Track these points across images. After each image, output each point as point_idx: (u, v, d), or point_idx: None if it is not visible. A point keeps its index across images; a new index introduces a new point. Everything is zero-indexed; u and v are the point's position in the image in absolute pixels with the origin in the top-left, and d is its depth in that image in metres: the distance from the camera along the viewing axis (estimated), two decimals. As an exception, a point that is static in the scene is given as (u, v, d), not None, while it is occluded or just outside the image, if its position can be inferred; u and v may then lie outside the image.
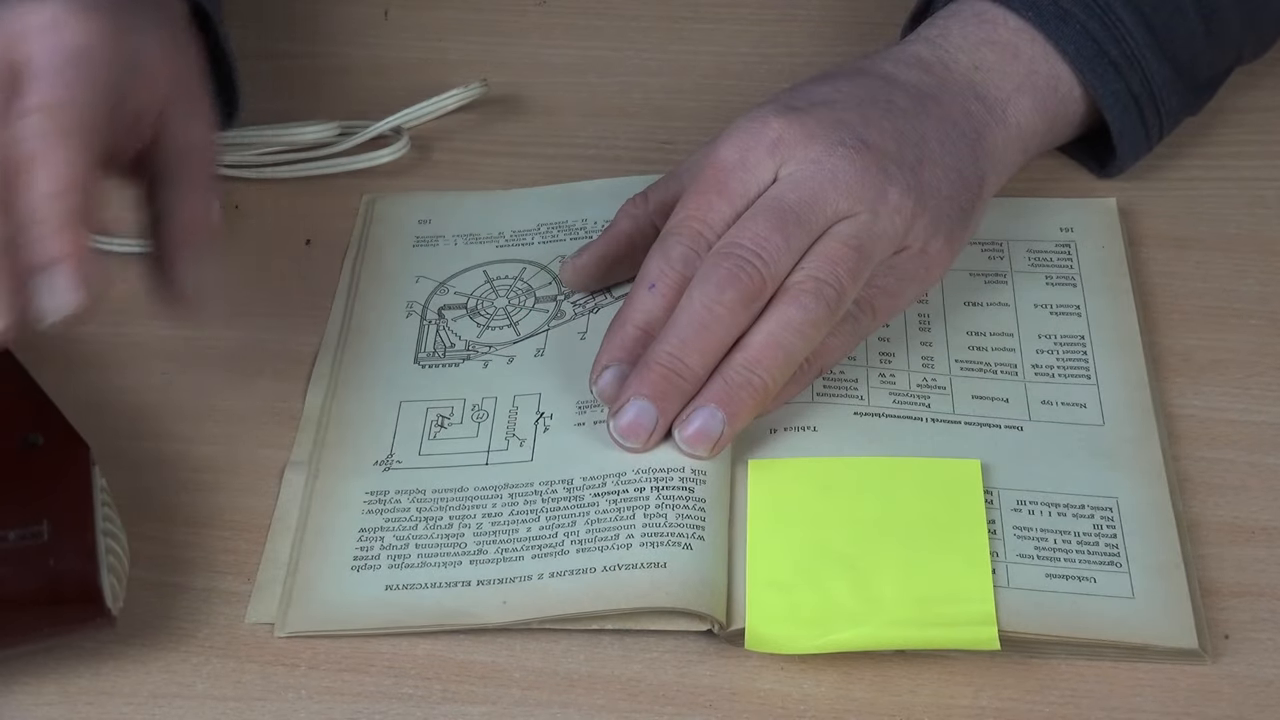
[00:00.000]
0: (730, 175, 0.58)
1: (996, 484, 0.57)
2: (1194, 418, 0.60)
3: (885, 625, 0.53)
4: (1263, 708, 0.52)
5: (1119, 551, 0.55)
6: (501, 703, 0.53)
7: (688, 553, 0.54)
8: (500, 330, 0.64)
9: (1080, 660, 0.53)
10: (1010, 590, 0.54)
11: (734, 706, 0.52)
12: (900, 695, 0.52)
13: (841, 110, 0.59)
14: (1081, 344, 0.62)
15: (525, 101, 0.76)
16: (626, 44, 0.79)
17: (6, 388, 0.55)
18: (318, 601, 0.55)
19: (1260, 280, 0.65)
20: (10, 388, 0.55)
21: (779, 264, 0.56)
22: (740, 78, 0.76)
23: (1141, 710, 0.52)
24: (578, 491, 0.57)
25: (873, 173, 0.57)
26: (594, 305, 0.65)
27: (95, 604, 0.51)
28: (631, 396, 0.56)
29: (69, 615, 0.51)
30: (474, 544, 0.56)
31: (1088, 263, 0.65)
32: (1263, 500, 0.57)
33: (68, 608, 0.51)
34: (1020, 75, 0.64)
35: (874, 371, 0.61)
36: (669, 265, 0.57)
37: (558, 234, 0.68)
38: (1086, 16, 0.64)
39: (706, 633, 0.54)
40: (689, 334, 0.55)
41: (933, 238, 0.59)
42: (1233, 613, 0.54)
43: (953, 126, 0.61)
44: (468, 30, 0.80)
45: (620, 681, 0.53)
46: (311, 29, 0.79)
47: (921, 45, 0.64)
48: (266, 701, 0.53)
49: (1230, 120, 0.72)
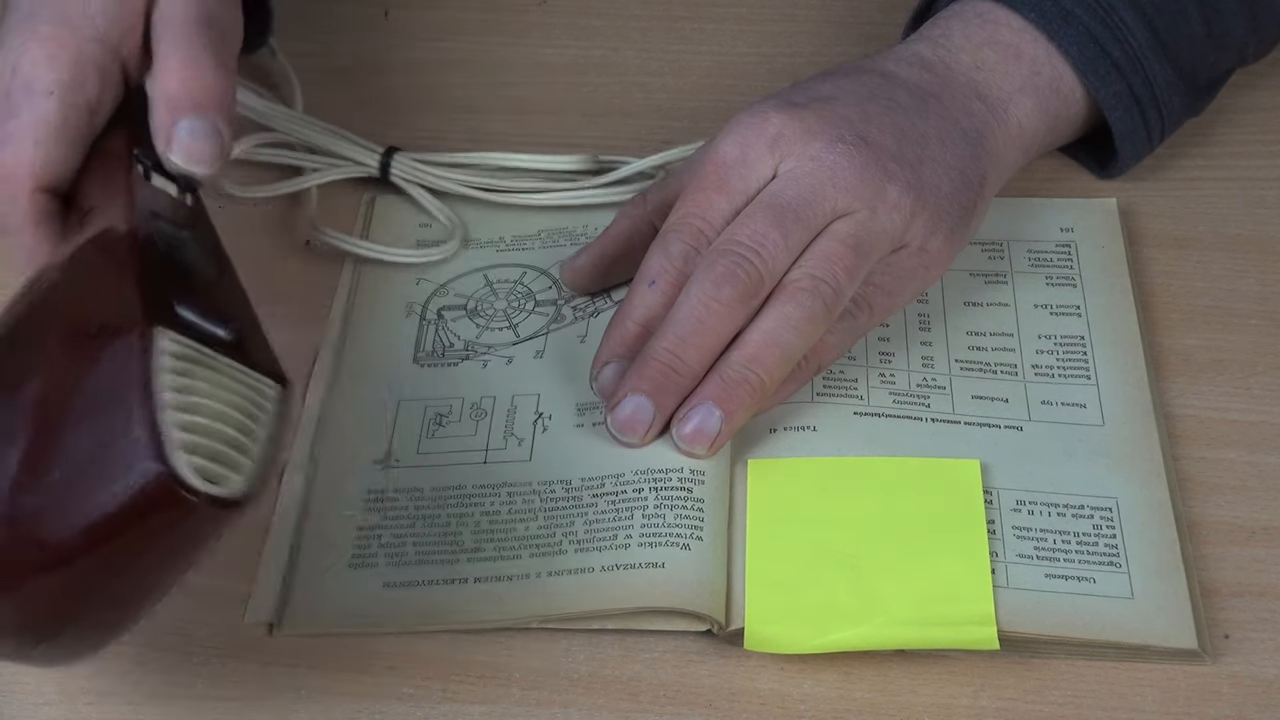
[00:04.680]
0: (730, 172, 0.58)
1: (996, 484, 0.57)
2: (1194, 418, 0.60)
3: (885, 625, 0.53)
4: (1263, 708, 0.52)
5: (1119, 552, 0.55)
6: (501, 703, 0.53)
7: (686, 553, 0.54)
8: (499, 331, 0.64)
9: (1080, 660, 0.53)
10: (1010, 590, 0.54)
11: (734, 706, 0.52)
12: (900, 695, 0.52)
13: (842, 107, 0.59)
14: (1081, 344, 0.62)
15: (525, 101, 0.76)
16: (626, 44, 0.79)
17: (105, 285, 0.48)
18: (316, 600, 0.55)
19: (1260, 280, 0.65)
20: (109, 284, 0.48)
21: (777, 261, 0.56)
22: (740, 78, 0.76)
23: (1141, 710, 0.52)
24: (576, 492, 0.57)
25: (872, 170, 0.57)
26: (594, 309, 0.65)
27: (175, 494, 0.42)
28: (629, 392, 0.56)
29: (170, 519, 0.43)
30: (471, 542, 0.56)
31: (1088, 263, 0.65)
32: (1263, 500, 0.57)
33: (158, 513, 0.43)
34: (1022, 76, 0.63)
35: (874, 371, 0.61)
36: (669, 262, 0.57)
37: (558, 239, 0.68)
38: (1089, 17, 0.64)
39: (706, 633, 0.54)
40: (686, 330, 0.55)
41: (932, 236, 0.59)
42: (1233, 613, 0.54)
43: (954, 125, 0.61)
44: (468, 30, 0.80)
45: (620, 681, 0.53)
46: (311, 29, 0.79)
47: (923, 45, 0.64)
48: (266, 701, 0.53)
49: (1230, 120, 0.72)
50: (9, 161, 0.54)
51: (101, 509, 0.43)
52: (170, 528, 0.44)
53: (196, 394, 0.45)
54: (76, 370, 0.45)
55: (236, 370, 0.46)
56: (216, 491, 0.43)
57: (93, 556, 0.44)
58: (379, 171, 0.70)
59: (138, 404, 0.43)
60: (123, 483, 0.43)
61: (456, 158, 0.70)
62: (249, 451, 0.45)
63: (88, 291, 0.49)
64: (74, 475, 0.43)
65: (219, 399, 0.45)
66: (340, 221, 0.70)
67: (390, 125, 0.74)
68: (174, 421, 0.43)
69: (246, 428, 0.46)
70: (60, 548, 0.43)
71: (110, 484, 0.43)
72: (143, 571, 0.45)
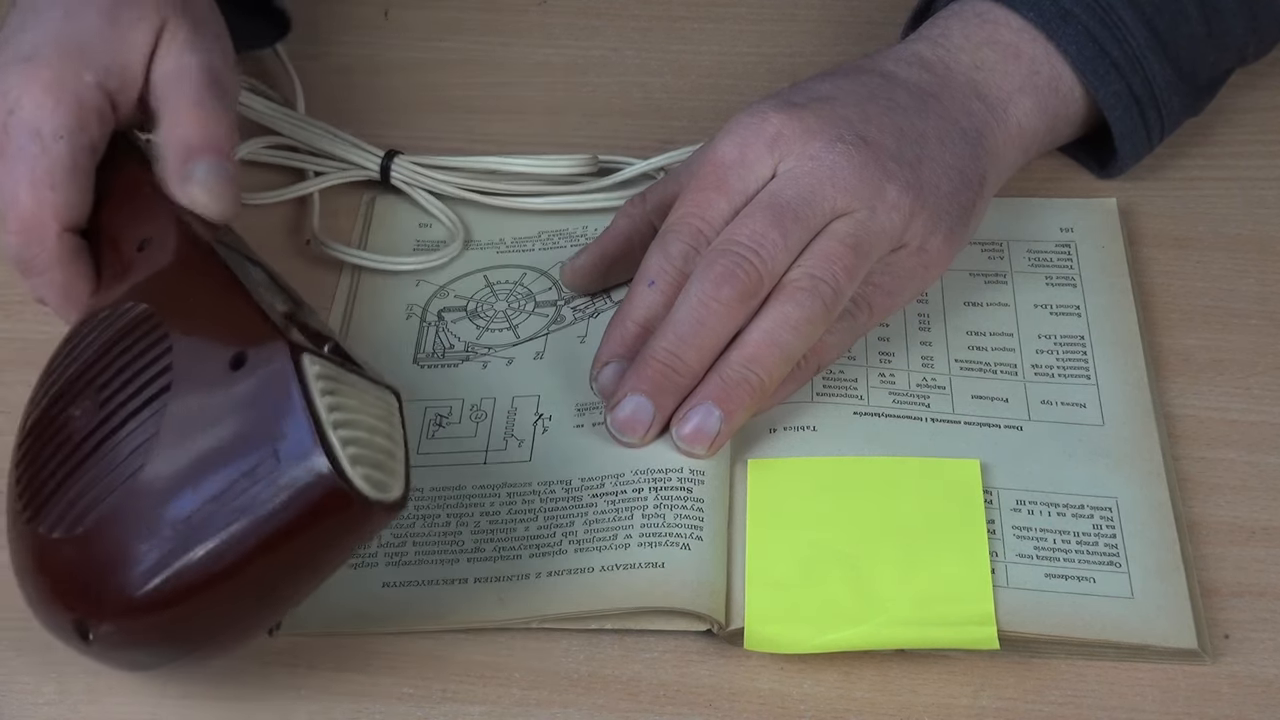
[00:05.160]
0: (729, 172, 0.58)
1: (996, 484, 0.57)
2: (1194, 418, 0.60)
3: (884, 625, 0.53)
4: (1263, 708, 0.52)
5: (1118, 551, 0.55)
6: (501, 703, 0.53)
7: (685, 553, 0.54)
8: (499, 333, 0.64)
9: (1080, 660, 0.53)
10: (1010, 590, 0.54)
11: (734, 706, 0.52)
12: (900, 695, 0.52)
13: (841, 107, 0.59)
14: (1081, 344, 0.62)
15: (525, 101, 0.76)
16: (626, 44, 0.79)
17: (216, 308, 0.52)
18: (316, 600, 0.55)
19: (1260, 280, 0.65)
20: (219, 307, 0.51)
21: (776, 261, 0.56)
22: (740, 78, 0.76)
23: (1141, 710, 0.52)
24: (576, 492, 0.57)
25: (871, 170, 0.57)
26: (594, 310, 0.65)
27: (352, 505, 0.46)
28: (629, 392, 0.56)
29: (342, 525, 0.47)
30: (471, 542, 0.56)
31: (1088, 263, 0.65)
32: (1263, 500, 0.57)
33: (331, 520, 0.47)
34: (1021, 75, 0.63)
35: (874, 371, 0.61)
36: (668, 262, 0.57)
37: (558, 240, 0.68)
38: (1088, 17, 0.64)
39: (706, 633, 0.54)
40: (686, 330, 0.55)
41: (931, 235, 0.59)
42: (1233, 613, 0.54)
43: (953, 125, 0.61)
44: (468, 30, 0.80)
45: (620, 681, 0.53)
46: (312, 29, 0.79)
47: (923, 44, 0.64)
48: (266, 701, 0.53)
49: (1230, 120, 0.72)
50: (31, 207, 0.56)
51: (276, 523, 0.46)
52: (347, 532, 0.48)
53: (349, 410, 0.48)
54: (223, 402, 0.48)
55: (367, 383, 0.50)
56: (385, 498, 0.47)
57: (268, 564, 0.47)
58: (379, 175, 0.70)
59: (308, 430, 0.46)
60: (304, 498, 0.46)
61: (456, 161, 0.70)
62: (398, 457, 0.49)
63: (200, 320, 0.51)
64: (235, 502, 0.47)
65: (367, 413, 0.49)
66: (341, 222, 0.70)
67: (390, 125, 0.74)
68: (341, 439, 0.47)
69: (392, 435, 0.49)
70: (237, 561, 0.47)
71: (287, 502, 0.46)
72: (310, 572, 0.49)
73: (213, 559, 0.46)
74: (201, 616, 0.48)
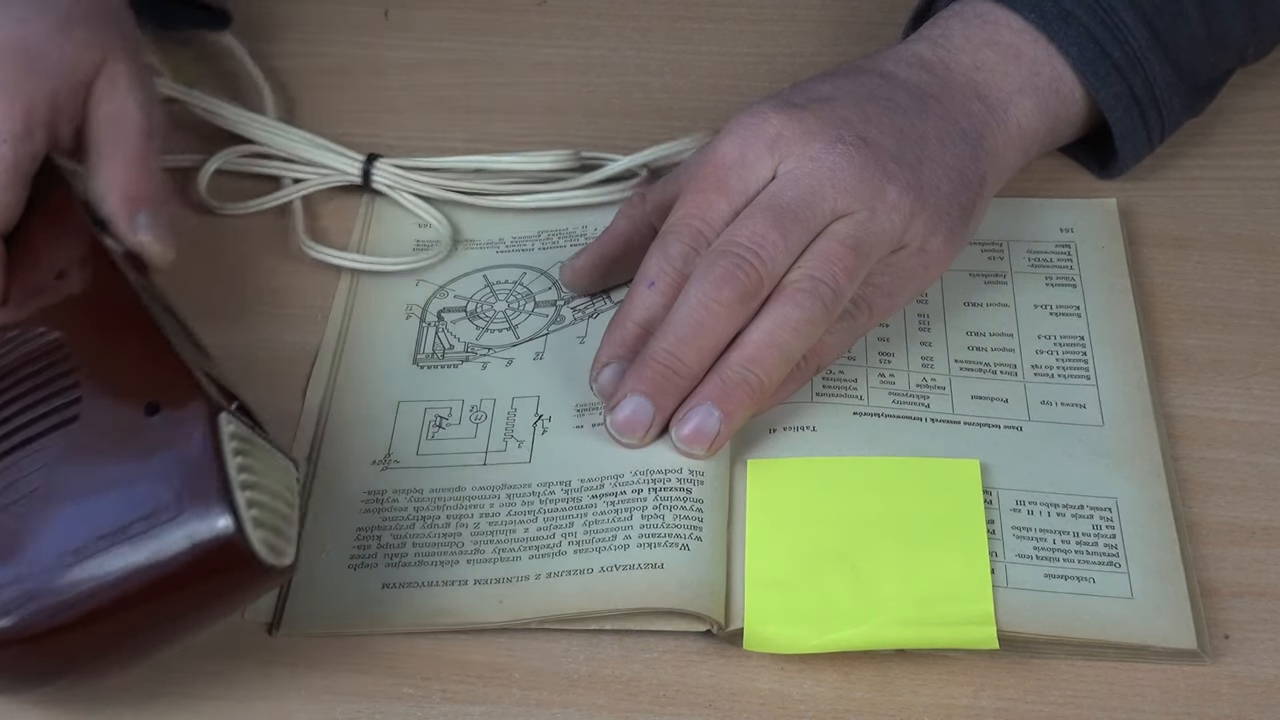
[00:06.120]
0: (729, 173, 0.58)
1: (996, 484, 0.57)
2: (1194, 418, 0.60)
3: (884, 625, 0.53)
4: (1263, 708, 0.52)
5: (1118, 552, 0.55)
6: (501, 703, 0.53)
7: (685, 553, 0.54)
8: (499, 333, 0.64)
9: (1080, 660, 0.53)
10: (1009, 590, 0.54)
11: (734, 706, 0.52)
12: (900, 695, 0.52)
13: (841, 108, 0.59)
14: (1081, 344, 0.62)
15: (525, 101, 0.76)
16: (626, 44, 0.79)
17: (133, 350, 0.52)
18: (315, 600, 0.55)
19: (1260, 280, 0.65)
20: (137, 350, 0.52)
21: (776, 262, 0.56)
22: (740, 78, 0.76)
23: (1141, 710, 0.52)
24: (575, 493, 0.57)
25: (871, 170, 0.57)
26: (593, 310, 0.65)
27: (248, 565, 0.47)
28: (628, 392, 0.56)
29: (231, 583, 0.48)
30: (471, 544, 0.56)
31: (1088, 263, 0.65)
32: (1263, 500, 0.57)
33: (222, 577, 0.47)
34: (1022, 76, 0.63)
35: (873, 371, 0.61)
36: (668, 263, 0.57)
37: (558, 240, 0.68)
38: (1089, 18, 0.64)
39: (706, 633, 0.54)
40: (685, 331, 0.55)
41: (931, 236, 0.59)
42: (1233, 613, 0.54)
43: (953, 126, 0.61)
44: (468, 30, 0.80)
45: (620, 681, 0.53)
46: (310, 29, 0.79)
47: (923, 45, 0.64)
48: (266, 701, 0.53)
49: (1230, 120, 0.72)
50: None
51: (166, 570, 0.46)
52: (235, 590, 0.48)
53: (256, 473, 0.48)
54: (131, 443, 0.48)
55: (272, 449, 0.50)
56: (279, 563, 0.48)
57: (149, 609, 0.47)
58: (361, 179, 0.70)
59: (216, 486, 0.47)
60: (201, 550, 0.46)
61: (437, 162, 0.70)
62: (293, 523, 0.49)
63: (116, 359, 0.52)
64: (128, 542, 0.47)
65: (271, 478, 0.49)
66: (340, 223, 0.70)
67: (390, 125, 0.74)
68: (246, 500, 0.47)
69: (291, 503, 0.50)
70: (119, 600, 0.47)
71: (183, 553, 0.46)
72: (185, 624, 0.49)
73: (95, 594, 0.46)
74: (66, 650, 0.47)
